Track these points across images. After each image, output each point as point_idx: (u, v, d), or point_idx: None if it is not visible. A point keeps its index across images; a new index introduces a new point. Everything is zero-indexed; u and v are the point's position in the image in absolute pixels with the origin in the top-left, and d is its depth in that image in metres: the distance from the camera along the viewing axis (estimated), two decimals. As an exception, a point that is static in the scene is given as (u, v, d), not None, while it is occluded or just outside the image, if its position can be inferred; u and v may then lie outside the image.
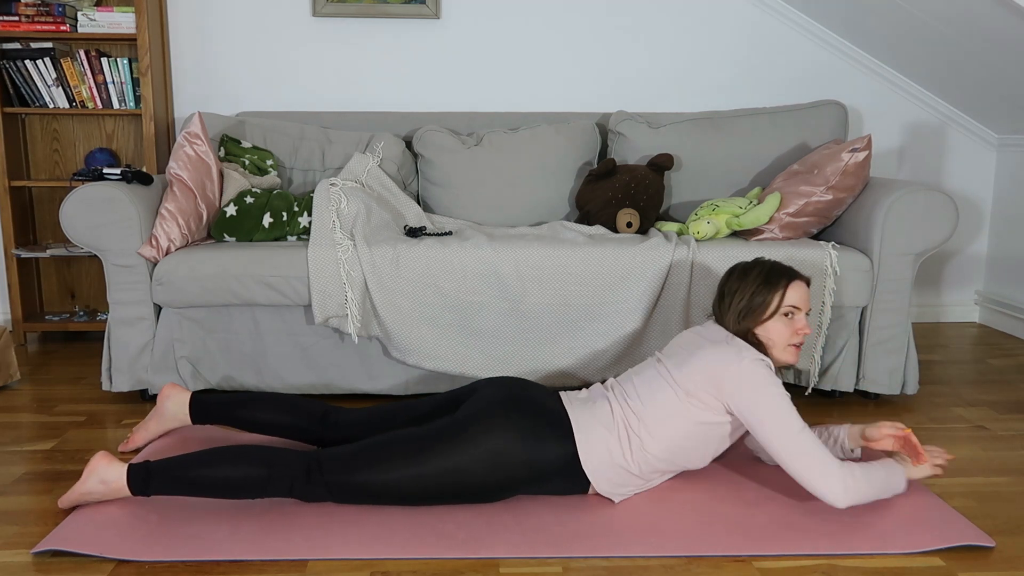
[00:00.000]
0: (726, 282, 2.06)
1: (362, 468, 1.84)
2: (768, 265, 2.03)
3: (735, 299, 2.01)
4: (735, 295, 2.01)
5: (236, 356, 2.63)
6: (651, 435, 1.89)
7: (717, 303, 2.06)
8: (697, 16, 3.58)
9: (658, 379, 1.95)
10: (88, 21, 3.23)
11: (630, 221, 2.88)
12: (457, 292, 2.54)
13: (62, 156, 3.52)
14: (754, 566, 1.71)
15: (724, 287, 2.05)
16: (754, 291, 1.99)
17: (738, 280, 2.03)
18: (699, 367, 1.89)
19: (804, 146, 3.16)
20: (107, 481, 1.85)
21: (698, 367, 1.89)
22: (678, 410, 1.89)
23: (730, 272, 2.07)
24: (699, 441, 1.92)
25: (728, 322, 2.01)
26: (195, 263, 2.55)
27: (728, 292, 2.03)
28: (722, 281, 2.08)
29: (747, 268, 2.05)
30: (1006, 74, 3.20)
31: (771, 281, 2.00)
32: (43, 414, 2.59)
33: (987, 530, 1.86)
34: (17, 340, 3.39)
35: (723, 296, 2.05)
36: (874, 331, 2.65)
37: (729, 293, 2.03)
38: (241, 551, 1.72)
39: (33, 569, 1.68)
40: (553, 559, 1.73)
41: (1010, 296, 3.67)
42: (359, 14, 3.46)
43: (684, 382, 1.90)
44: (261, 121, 3.19)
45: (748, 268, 2.05)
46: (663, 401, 1.91)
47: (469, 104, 3.60)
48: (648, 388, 1.94)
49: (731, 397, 1.86)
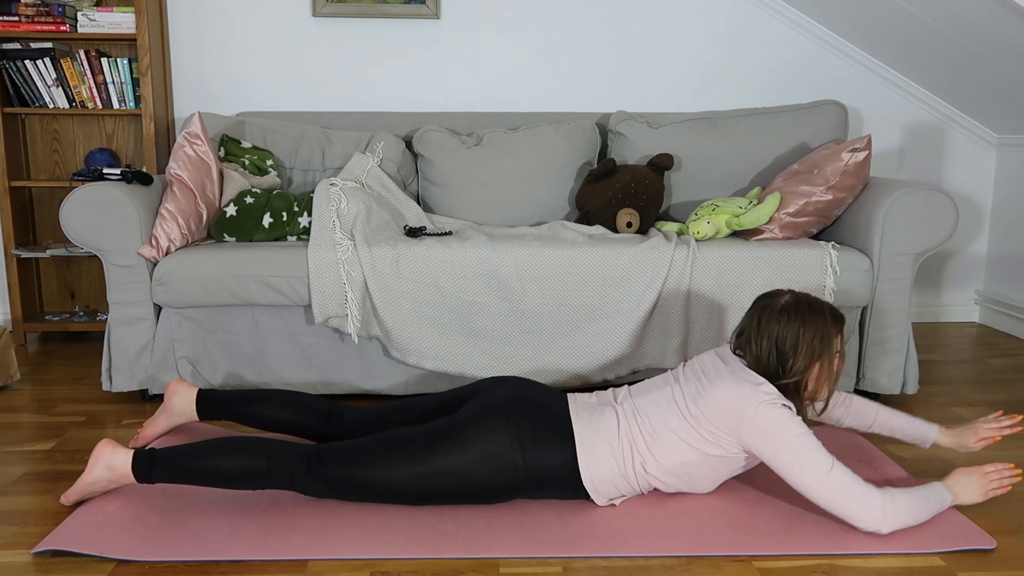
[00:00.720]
0: (761, 322, 1.87)
1: (362, 464, 1.84)
2: (815, 307, 1.85)
3: (775, 344, 1.84)
4: (775, 339, 1.84)
5: (236, 356, 2.63)
6: (656, 459, 1.86)
7: (750, 343, 1.88)
8: (697, 16, 3.58)
9: (672, 405, 1.88)
10: (88, 21, 3.23)
11: (630, 221, 2.88)
12: (457, 292, 2.54)
13: (62, 156, 3.52)
14: (754, 566, 1.71)
15: (760, 326, 1.87)
16: (805, 340, 1.82)
17: (779, 323, 1.84)
18: (714, 406, 1.82)
19: (804, 146, 3.16)
20: (113, 467, 1.85)
21: (713, 406, 1.82)
22: (688, 440, 1.84)
23: (764, 309, 1.88)
24: (709, 470, 1.88)
25: (764, 366, 1.86)
26: (195, 263, 2.55)
27: (766, 335, 1.85)
28: (757, 319, 1.88)
29: (787, 310, 1.85)
30: (1006, 74, 3.20)
31: (824, 332, 1.83)
32: (43, 414, 2.59)
33: (987, 530, 1.86)
34: (17, 340, 3.39)
35: (759, 337, 1.86)
36: (874, 331, 2.65)
37: (768, 336, 1.84)
38: (241, 551, 1.72)
39: (33, 569, 1.68)
40: (553, 559, 1.73)
41: (1010, 296, 3.67)
42: (359, 14, 3.46)
43: (698, 416, 1.83)
44: (261, 121, 3.19)
45: (791, 310, 1.85)
46: (674, 429, 1.85)
47: (469, 104, 3.60)
48: (659, 412, 1.88)
49: (749, 441, 1.80)
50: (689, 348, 2.62)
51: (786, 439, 1.76)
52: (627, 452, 1.86)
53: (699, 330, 2.60)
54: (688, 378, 1.93)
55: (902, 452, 2.30)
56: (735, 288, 2.58)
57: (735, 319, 2.59)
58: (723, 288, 2.58)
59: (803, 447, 1.75)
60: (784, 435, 1.76)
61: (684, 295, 2.57)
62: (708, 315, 2.59)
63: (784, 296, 1.90)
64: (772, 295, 1.92)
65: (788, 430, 1.76)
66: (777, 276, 2.57)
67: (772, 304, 1.89)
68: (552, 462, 1.86)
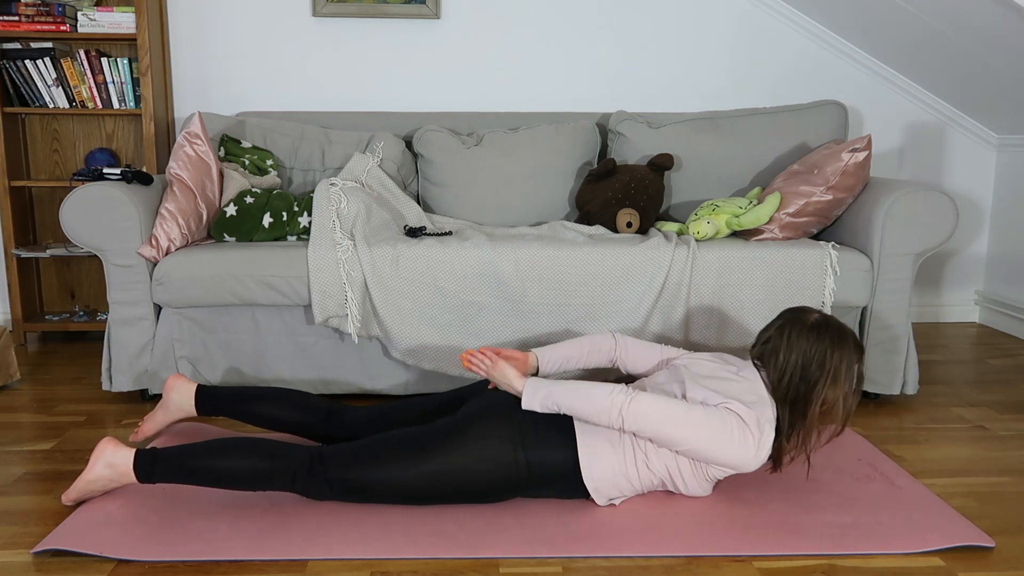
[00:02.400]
0: (792, 335, 1.86)
1: (363, 465, 1.84)
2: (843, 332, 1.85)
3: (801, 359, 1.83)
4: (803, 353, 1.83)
5: (236, 356, 2.63)
6: (658, 455, 1.87)
7: (777, 354, 1.87)
8: (697, 16, 3.58)
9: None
10: (88, 21, 3.23)
11: (630, 221, 2.88)
12: (457, 292, 2.54)
13: (62, 156, 3.52)
14: (754, 566, 1.71)
15: (789, 339, 1.86)
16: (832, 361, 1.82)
17: (808, 339, 1.84)
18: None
19: (804, 146, 3.16)
20: (114, 464, 1.85)
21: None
22: None
23: (793, 323, 1.88)
24: (701, 476, 1.89)
25: (784, 383, 1.85)
26: (195, 263, 2.55)
27: (795, 349, 1.84)
28: (788, 332, 1.87)
29: (818, 327, 1.85)
30: (1006, 74, 3.20)
31: (849, 359, 1.83)
32: (43, 414, 2.59)
33: (987, 530, 1.86)
34: (17, 340, 3.39)
35: (788, 351, 1.85)
36: (874, 331, 2.65)
37: (797, 350, 1.83)
38: (241, 551, 1.72)
39: (33, 569, 1.68)
40: (553, 559, 1.73)
41: (1010, 296, 3.67)
42: (359, 14, 3.46)
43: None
44: (261, 121, 3.19)
45: (821, 329, 1.85)
46: None
47: (469, 104, 3.60)
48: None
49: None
50: (689, 348, 2.62)
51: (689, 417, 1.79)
52: (628, 450, 1.87)
53: (699, 330, 2.60)
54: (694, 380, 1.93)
55: (902, 452, 2.30)
56: (735, 288, 2.58)
57: (735, 319, 2.59)
58: (723, 288, 2.58)
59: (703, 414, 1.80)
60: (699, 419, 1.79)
61: (684, 295, 2.57)
62: (708, 315, 2.59)
63: (813, 314, 1.90)
64: (800, 310, 1.93)
65: (710, 423, 1.79)
66: (777, 276, 2.58)
67: (803, 319, 1.89)
68: (554, 460, 1.86)
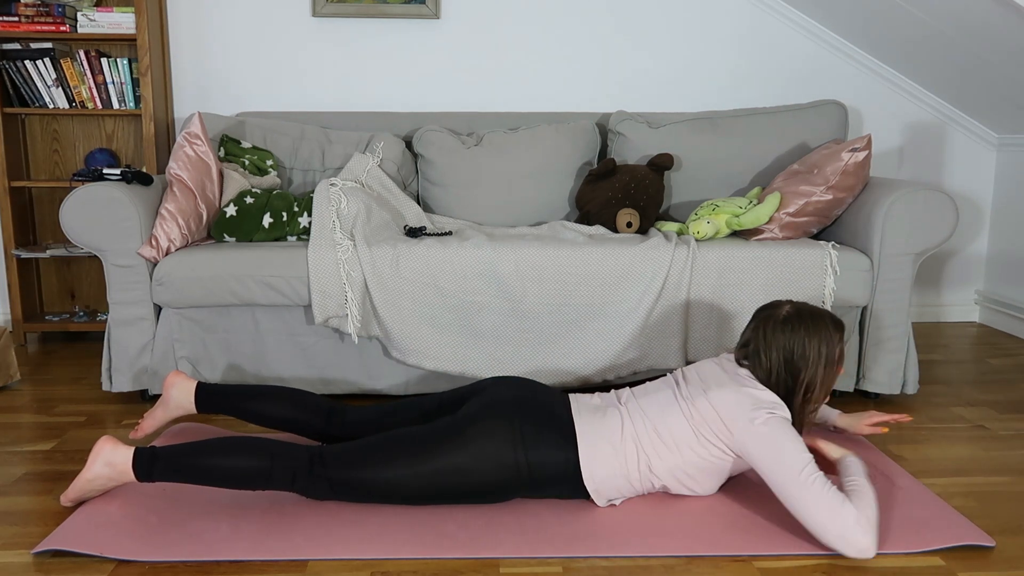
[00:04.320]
0: (767, 333, 1.89)
1: (363, 464, 1.84)
2: (816, 316, 1.89)
3: (783, 354, 1.87)
4: (782, 349, 1.87)
5: (236, 356, 2.63)
6: (660, 459, 1.87)
7: (759, 355, 1.90)
8: (697, 16, 3.59)
9: (674, 404, 1.90)
10: (88, 21, 3.23)
11: (630, 221, 2.88)
12: (457, 292, 2.54)
13: (62, 156, 3.52)
14: (754, 566, 1.71)
15: (766, 338, 1.89)
16: (812, 348, 1.85)
17: (784, 333, 1.87)
18: (716, 412, 1.84)
19: (804, 146, 3.16)
20: (113, 463, 1.84)
21: (715, 412, 1.84)
22: (690, 442, 1.85)
23: (766, 320, 1.91)
24: (710, 470, 1.89)
25: (775, 379, 1.88)
26: (195, 263, 2.55)
27: (774, 346, 1.88)
28: (762, 331, 1.90)
29: (790, 320, 1.88)
30: (1006, 74, 3.20)
31: (828, 339, 1.86)
32: (43, 414, 2.59)
33: (987, 530, 1.86)
34: (17, 340, 3.39)
35: (767, 349, 1.89)
36: (874, 331, 2.65)
37: (776, 347, 1.87)
38: (241, 551, 1.72)
39: (33, 569, 1.68)
40: (553, 559, 1.73)
41: (1010, 296, 3.67)
42: (359, 14, 3.46)
43: (700, 420, 1.85)
44: (261, 121, 3.19)
45: (794, 320, 1.88)
46: (676, 428, 1.86)
47: (469, 104, 3.60)
48: (663, 413, 1.89)
49: (745, 449, 1.80)
50: (689, 348, 2.62)
51: (781, 452, 1.75)
52: (631, 453, 1.87)
53: (699, 330, 2.60)
54: (691, 382, 1.94)
55: (902, 452, 2.30)
56: (735, 288, 2.58)
57: (735, 319, 2.59)
58: (723, 288, 2.58)
59: (796, 463, 1.74)
60: (779, 448, 1.76)
61: (684, 295, 2.57)
62: (708, 315, 2.59)
63: (784, 307, 1.93)
64: (771, 306, 1.95)
65: (784, 443, 1.76)
66: (777, 276, 2.58)
67: (774, 315, 1.92)
68: (554, 461, 1.86)
